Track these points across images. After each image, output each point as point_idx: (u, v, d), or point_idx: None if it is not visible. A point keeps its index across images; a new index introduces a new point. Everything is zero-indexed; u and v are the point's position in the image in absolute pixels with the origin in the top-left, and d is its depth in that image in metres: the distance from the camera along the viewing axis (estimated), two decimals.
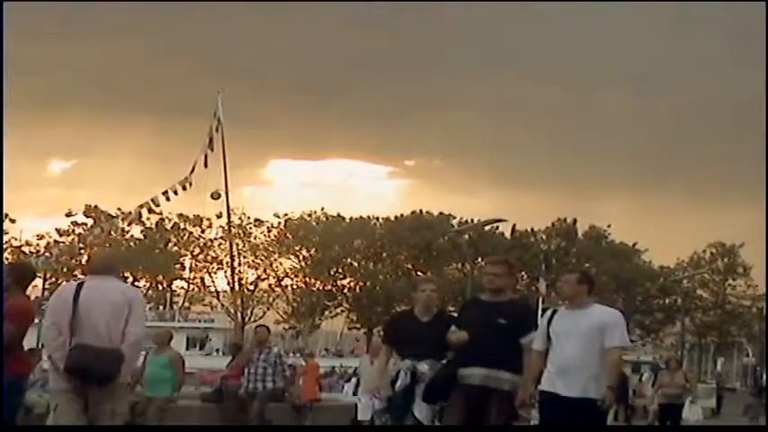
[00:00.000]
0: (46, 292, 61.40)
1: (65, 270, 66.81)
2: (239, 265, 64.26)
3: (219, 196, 46.31)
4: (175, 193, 43.98)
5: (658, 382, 18.07)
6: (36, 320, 9.44)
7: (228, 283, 60.96)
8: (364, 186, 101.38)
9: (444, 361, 8.44)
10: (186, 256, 71.19)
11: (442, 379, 8.23)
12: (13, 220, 65.89)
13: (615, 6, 75.66)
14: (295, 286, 72.12)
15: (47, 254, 63.55)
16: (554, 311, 8.04)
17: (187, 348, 55.00)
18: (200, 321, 67.12)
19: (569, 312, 7.93)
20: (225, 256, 62.67)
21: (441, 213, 72.82)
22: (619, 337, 7.74)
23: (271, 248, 70.67)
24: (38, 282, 65.29)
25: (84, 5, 73.06)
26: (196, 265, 71.74)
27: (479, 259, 53.91)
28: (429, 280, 10.53)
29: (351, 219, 72.98)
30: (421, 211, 73.38)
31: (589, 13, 77.73)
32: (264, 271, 70.60)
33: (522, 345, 8.04)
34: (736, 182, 79.04)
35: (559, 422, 7.79)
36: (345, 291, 72.73)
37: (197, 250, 70.31)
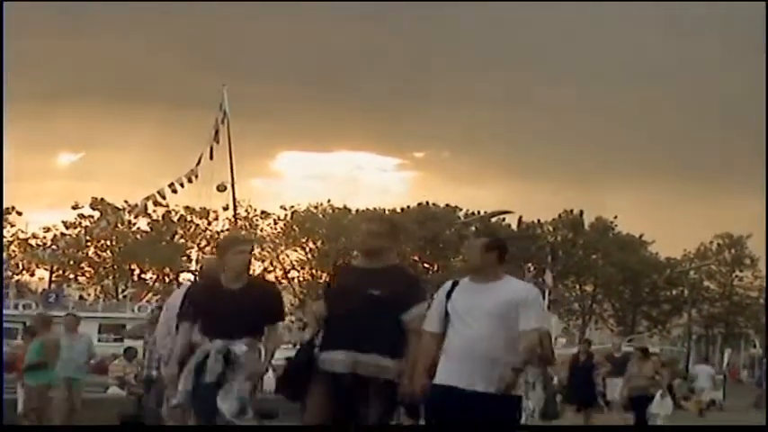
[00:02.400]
0: (53, 285, 61.62)
1: (71, 263, 66.93)
2: None
3: (225, 188, 46.26)
4: (181, 185, 44.03)
5: (627, 372, 17.22)
6: None
7: None
8: (373, 178, 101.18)
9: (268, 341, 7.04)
10: (193, 248, 71.18)
11: (296, 366, 6.62)
12: (19, 213, 65.93)
13: (622, 4, 75.47)
14: (302, 278, 72.15)
15: (53, 246, 63.69)
16: (454, 283, 6.41)
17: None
18: None
19: (474, 286, 6.32)
20: None
21: (447, 205, 72.77)
22: (535, 317, 6.17)
23: (277, 241, 70.72)
24: (44, 274, 65.64)
25: None
26: (203, 258, 71.74)
27: None
28: (247, 240, 8.55)
29: (357, 211, 72.94)
30: (427, 202, 73.35)
31: (597, 10, 77.52)
32: (271, 263, 70.66)
33: (403, 322, 6.46)
34: (742, 173, 78.88)
35: (456, 424, 6.09)
36: None
37: (204, 243, 70.29)
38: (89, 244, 66.04)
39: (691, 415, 27.18)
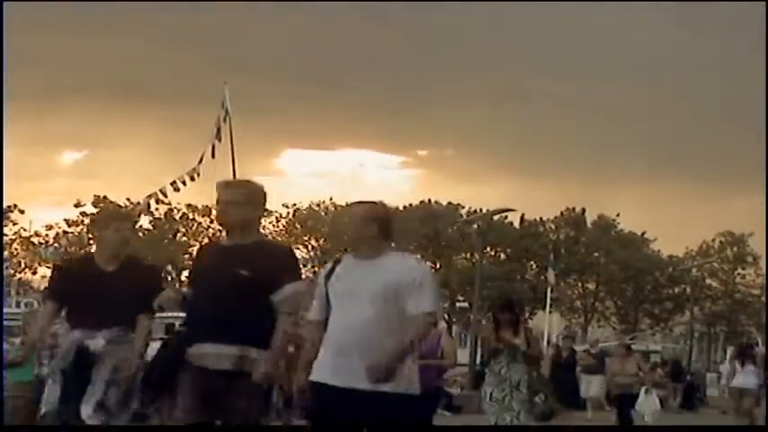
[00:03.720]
0: None
1: None
2: None
3: None
4: (184, 183, 43.90)
5: (608, 370, 17.08)
6: None
7: None
8: (376, 176, 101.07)
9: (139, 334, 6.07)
10: (195, 246, 71.20)
11: (161, 362, 5.66)
12: (22, 211, 65.95)
13: (622, 4, 75.42)
14: (304, 276, 72.13)
15: (55, 244, 63.72)
16: (336, 262, 5.57)
17: None
18: None
19: (356, 263, 5.46)
20: None
21: (449, 203, 72.74)
22: (428, 300, 5.28)
23: (279, 238, 70.73)
24: (47, 272, 65.65)
25: None
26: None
27: (488, 249, 53.97)
28: (126, 216, 7.23)
29: None
30: (429, 200, 73.33)
31: (598, 9, 77.44)
32: None
33: (274, 304, 5.57)
34: (745, 171, 78.79)
35: (334, 426, 5.22)
36: None
37: (206, 240, 70.35)
38: (91, 242, 66.00)
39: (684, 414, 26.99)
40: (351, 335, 5.18)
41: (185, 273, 73.65)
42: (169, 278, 68.42)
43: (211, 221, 69.60)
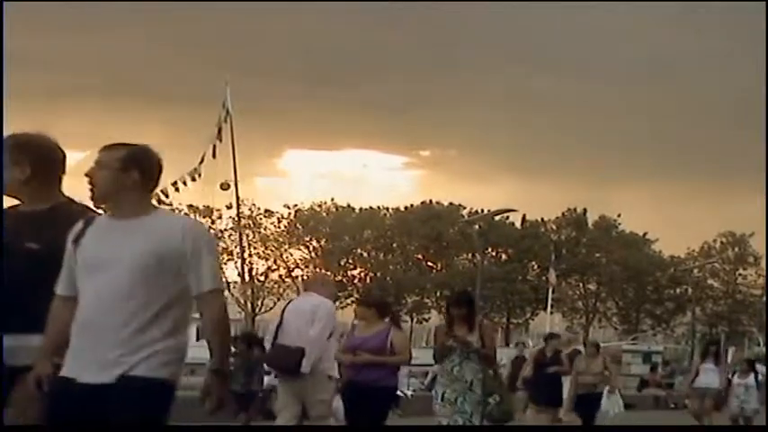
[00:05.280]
0: None
1: None
2: (249, 255, 64.28)
3: (229, 187, 46.15)
4: (184, 183, 43.94)
5: (574, 368, 16.10)
6: None
7: (239, 274, 61.00)
8: (379, 176, 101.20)
9: None
10: None
11: None
12: None
13: (623, 4, 75.46)
14: (305, 277, 72.14)
15: None
16: (87, 222, 4.29)
17: (197, 339, 55.00)
18: None
19: (111, 224, 4.24)
20: (235, 247, 62.69)
21: (451, 204, 72.74)
22: (208, 275, 4.14)
23: (281, 239, 70.70)
24: None
25: None
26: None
27: (490, 250, 54.00)
28: None
29: (361, 209, 72.94)
30: (431, 201, 73.34)
31: (600, 9, 77.47)
32: (275, 262, 70.62)
33: None
34: (746, 171, 78.72)
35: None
36: (356, 281, 72.73)
37: None
38: None
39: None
40: (99, 316, 4.04)
41: None
42: None
43: (212, 222, 69.64)
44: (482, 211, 64.64)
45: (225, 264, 71.71)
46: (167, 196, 46.36)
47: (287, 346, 9.23)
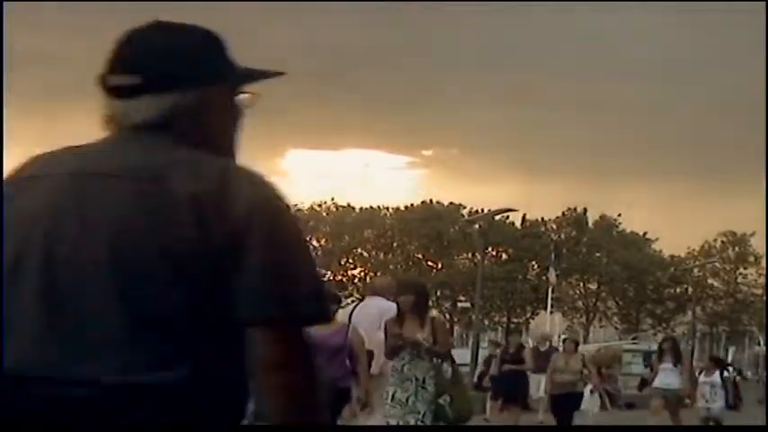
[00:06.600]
0: None
1: None
2: None
3: None
4: None
5: (550, 366, 15.42)
6: None
7: None
8: (381, 176, 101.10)
9: None
10: None
11: None
12: None
13: (624, 4, 75.47)
14: (370, 280, 72.23)
15: None
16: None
17: None
18: None
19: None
20: None
21: (451, 203, 72.78)
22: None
23: None
24: None
25: None
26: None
27: (490, 249, 53.98)
28: None
29: (361, 209, 73.00)
30: (431, 200, 73.37)
31: (600, 9, 77.47)
32: None
33: None
34: (746, 171, 78.74)
35: None
36: (356, 281, 72.79)
37: None
38: None
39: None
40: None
41: None
42: None
43: None
44: (482, 210, 64.63)
45: None
46: None
47: None
